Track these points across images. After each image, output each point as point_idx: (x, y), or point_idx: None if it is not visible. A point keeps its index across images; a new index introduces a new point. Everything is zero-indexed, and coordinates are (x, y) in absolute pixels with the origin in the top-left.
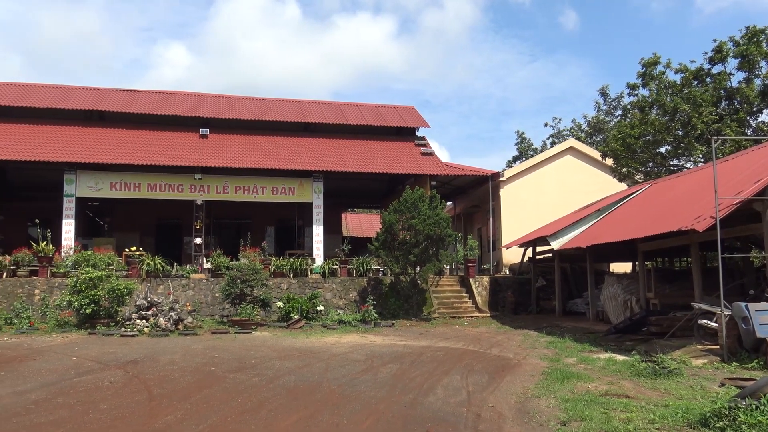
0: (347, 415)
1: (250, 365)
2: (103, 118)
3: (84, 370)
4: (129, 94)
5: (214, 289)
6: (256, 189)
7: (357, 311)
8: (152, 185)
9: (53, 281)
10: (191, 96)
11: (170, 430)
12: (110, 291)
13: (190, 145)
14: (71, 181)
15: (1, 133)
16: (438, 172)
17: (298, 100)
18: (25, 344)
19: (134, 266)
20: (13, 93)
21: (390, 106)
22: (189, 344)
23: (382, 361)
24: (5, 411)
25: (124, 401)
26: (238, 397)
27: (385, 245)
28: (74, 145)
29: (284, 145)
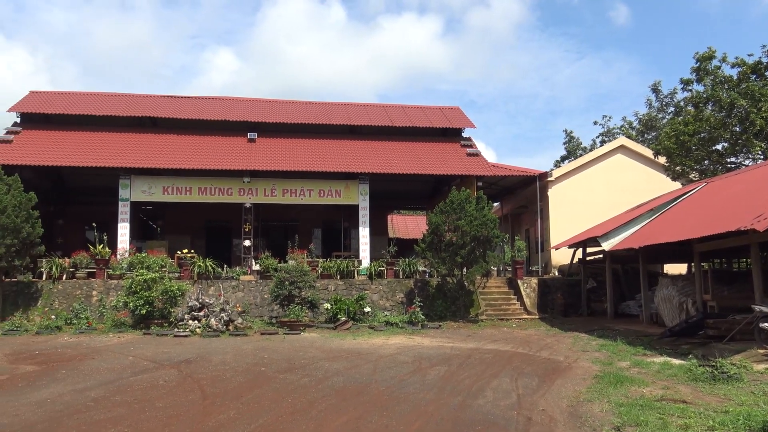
0: (396, 417)
1: (299, 366)
2: (155, 124)
3: (140, 369)
4: (180, 100)
5: (262, 291)
6: (303, 191)
7: (404, 313)
8: (202, 189)
9: (110, 283)
10: (239, 101)
11: (223, 428)
12: (163, 292)
13: (239, 149)
14: (126, 186)
15: (60, 140)
16: (484, 172)
17: (343, 103)
18: (84, 344)
19: (186, 268)
20: (71, 101)
21: (435, 107)
22: (239, 345)
23: (429, 363)
24: (67, 408)
25: (179, 400)
26: (289, 398)
27: (432, 247)
28: (129, 151)
29: (330, 148)
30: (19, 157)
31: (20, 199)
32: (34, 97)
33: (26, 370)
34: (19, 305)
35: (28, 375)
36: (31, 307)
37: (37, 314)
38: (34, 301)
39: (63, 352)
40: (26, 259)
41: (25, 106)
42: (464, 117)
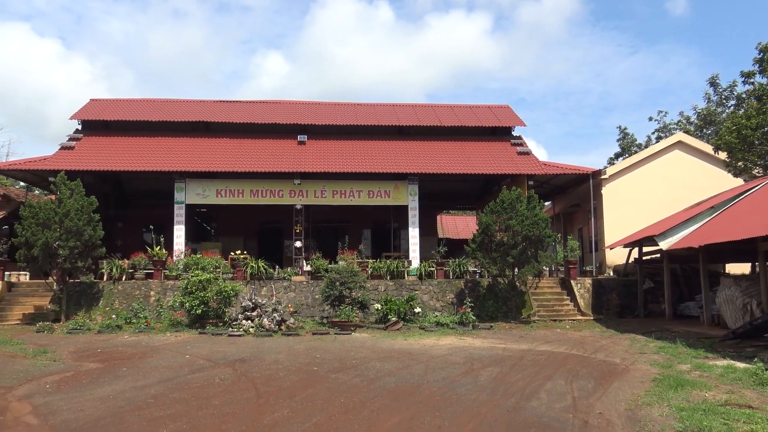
0: (449, 418)
1: (351, 366)
2: (208, 129)
3: (196, 367)
4: (232, 104)
5: (313, 291)
6: (353, 193)
7: (454, 313)
8: (254, 191)
9: (166, 283)
10: (289, 104)
11: (278, 426)
12: (218, 293)
13: (289, 151)
14: (181, 189)
15: (119, 146)
16: (535, 171)
17: (392, 104)
18: (143, 342)
19: (239, 269)
20: (128, 108)
21: (484, 106)
22: (292, 344)
23: (481, 364)
24: (128, 404)
25: (234, 398)
26: (341, 397)
27: (482, 247)
28: (183, 155)
29: (379, 149)
30: (80, 162)
31: (82, 203)
32: (94, 105)
33: (90, 367)
34: (82, 305)
35: (92, 372)
36: (93, 306)
37: (99, 314)
38: (95, 301)
39: (123, 350)
40: (88, 260)
41: (85, 113)
42: (514, 115)
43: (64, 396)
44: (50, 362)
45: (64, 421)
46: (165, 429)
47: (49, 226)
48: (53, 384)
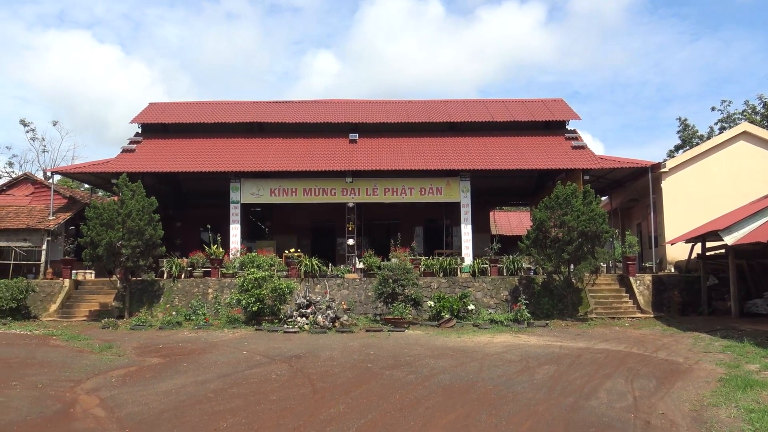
0: (505, 416)
1: (405, 363)
2: (262, 129)
3: (253, 363)
4: (284, 105)
5: (366, 289)
6: (405, 190)
7: (509, 311)
8: (307, 190)
9: (223, 281)
10: (340, 103)
11: (334, 422)
12: (273, 290)
13: (341, 150)
14: (236, 189)
15: (177, 148)
16: (591, 165)
17: (443, 101)
18: (202, 338)
19: (293, 267)
20: (185, 111)
21: (537, 100)
22: (346, 341)
23: (537, 362)
24: (190, 398)
25: (291, 393)
26: (396, 394)
27: (537, 243)
28: (238, 156)
29: (431, 146)
30: (141, 164)
31: (143, 203)
32: (153, 108)
33: (152, 362)
34: (144, 302)
35: (154, 367)
36: (154, 303)
37: (160, 310)
38: (156, 299)
39: (184, 346)
40: (149, 259)
41: (144, 117)
42: (568, 109)
43: (129, 390)
44: (115, 357)
45: (130, 414)
46: (225, 423)
47: (113, 227)
48: (118, 378)
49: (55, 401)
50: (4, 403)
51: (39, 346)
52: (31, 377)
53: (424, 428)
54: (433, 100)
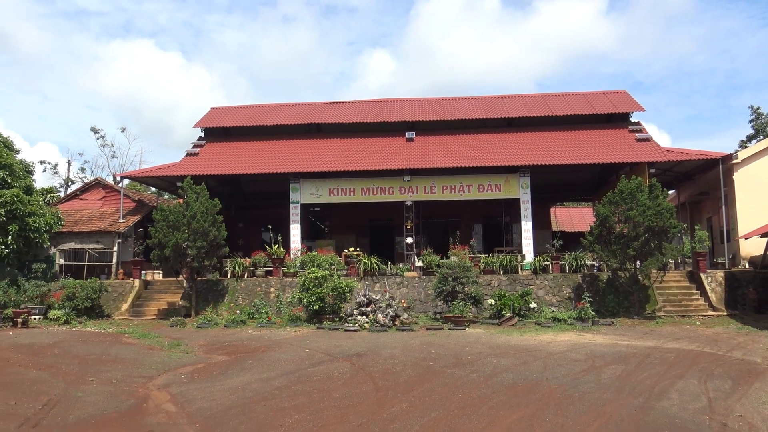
0: (572, 416)
1: (466, 361)
2: (320, 130)
3: (316, 361)
4: (341, 105)
5: (426, 287)
6: (463, 187)
7: (572, 309)
8: (365, 189)
9: (285, 280)
10: (396, 102)
11: (397, 420)
12: (333, 289)
13: (398, 148)
14: (296, 189)
15: (238, 151)
16: (656, 158)
17: (500, 96)
18: (266, 336)
19: (353, 266)
20: (245, 114)
21: (599, 93)
22: (406, 340)
23: (604, 361)
24: (256, 395)
25: (353, 391)
26: (458, 392)
27: (600, 239)
28: (297, 157)
29: (489, 142)
30: (204, 167)
31: (207, 205)
32: (214, 113)
33: (219, 359)
34: (209, 301)
35: (221, 364)
36: (219, 302)
37: (225, 309)
38: (221, 297)
39: (248, 344)
40: (213, 259)
41: (207, 121)
42: (631, 100)
43: (197, 386)
44: (183, 354)
45: (199, 409)
46: (290, 419)
47: (179, 228)
48: (187, 375)
49: (129, 396)
50: (83, 398)
51: (112, 344)
52: (106, 373)
53: (488, 427)
54: (490, 96)
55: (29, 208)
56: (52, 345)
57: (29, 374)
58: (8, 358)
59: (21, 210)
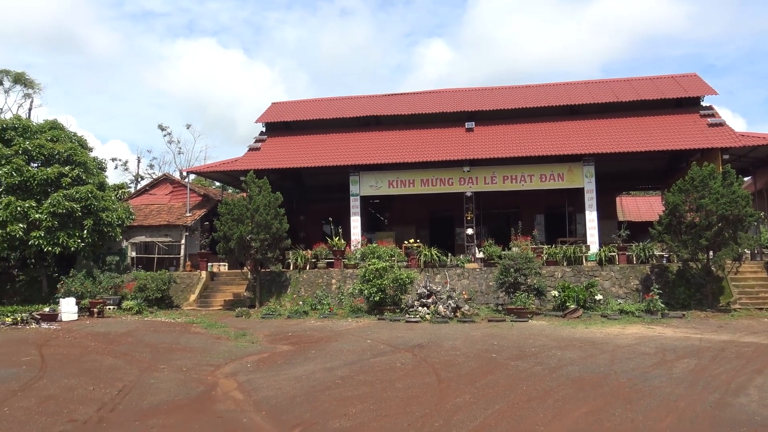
0: (642, 411)
1: (530, 354)
2: (379, 122)
3: (378, 352)
4: (399, 97)
5: (487, 278)
6: (524, 177)
7: (639, 301)
8: (425, 180)
9: (346, 272)
10: (455, 92)
11: (460, 411)
12: (394, 280)
13: (458, 139)
14: (356, 182)
15: (298, 145)
16: (731, 144)
17: (563, 83)
18: (328, 327)
19: (413, 257)
20: (305, 109)
21: (667, 77)
22: (468, 331)
23: (675, 355)
24: (320, 384)
25: (416, 382)
26: (522, 385)
27: (670, 229)
28: (357, 149)
29: (551, 131)
30: (266, 161)
31: (269, 199)
32: (275, 108)
33: (283, 349)
34: (273, 292)
35: (285, 354)
36: (282, 294)
37: (287, 300)
38: (284, 289)
39: (311, 334)
40: (276, 251)
41: (268, 116)
42: (703, 83)
43: (263, 375)
44: (249, 344)
45: (265, 397)
46: (354, 409)
47: (243, 221)
48: (253, 363)
49: (199, 384)
50: (155, 385)
51: (182, 333)
52: (177, 361)
53: (554, 420)
54: (552, 83)
55: (103, 203)
56: (126, 334)
57: (106, 361)
58: (86, 345)
59: (95, 205)
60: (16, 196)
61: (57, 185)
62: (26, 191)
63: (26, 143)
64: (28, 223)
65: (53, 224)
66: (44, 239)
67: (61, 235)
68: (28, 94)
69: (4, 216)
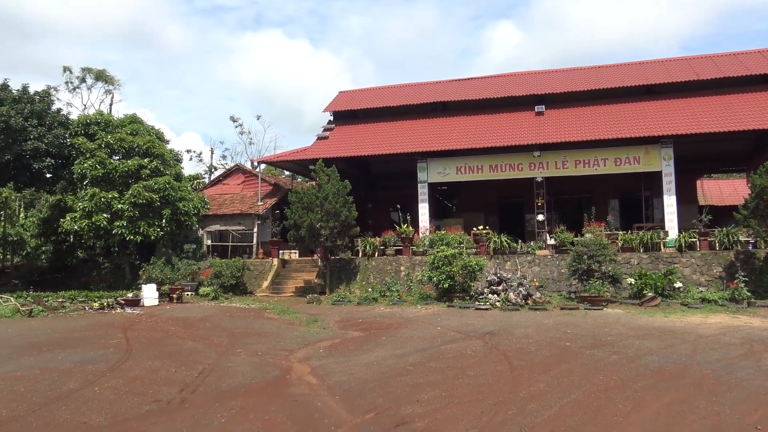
0: (728, 404)
1: (606, 342)
2: (446, 108)
3: (448, 339)
4: (466, 82)
5: (559, 265)
6: (597, 161)
7: (723, 289)
8: (493, 166)
9: (414, 259)
10: (524, 75)
11: (535, 400)
12: (463, 267)
13: (527, 123)
14: (423, 169)
15: (365, 133)
16: None
17: (638, 62)
18: (397, 314)
19: (482, 244)
20: (372, 96)
21: (752, 52)
22: (540, 319)
23: (764, 346)
24: (391, 370)
25: (487, 370)
26: (599, 374)
27: (757, 213)
28: (424, 136)
29: (625, 112)
30: (334, 150)
31: (338, 187)
32: (343, 96)
33: (354, 335)
34: (342, 279)
35: (356, 340)
36: (351, 280)
37: (357, 287)
38: (353, 276)
39: (381, 321)
40: (345, 239)
41: (335, 105)
42: None
43: (335, 360)
44: (320, 330)
45: (338, 382)
46: (426, 395)
47: (312, 209)
48: (325, 349)
49: (274, 368)
50: (232, 368)
51: (256, 319)
52: (252, 346)
53: (634, 411)
54: (626, 63)
55: (179, 193)
56: (203, 319)
57: (186, 345)
58: (167, 330)
59: (173, 195)
60: (100, 187)
61: (137, 177)
62: (109, 183)
63: (108, 137)
64: (112, 213)
65: (134, 214)
66: (126, 228)
67: (141, 224)
68: (108, 91)
69: (89, 206)
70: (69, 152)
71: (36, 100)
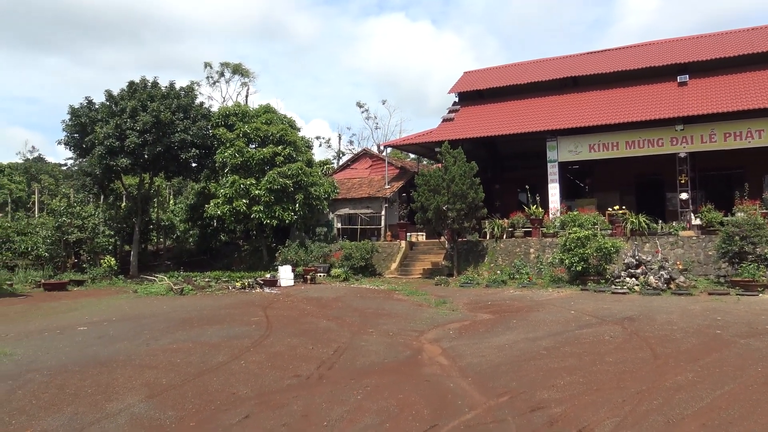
0: None
1: (763, 331)
2: (576, 84)
3: (583, 323)
4: (598, 54)
5: (705, 247)
6: (750, 133)
7: None
8: (630, 143)
9: (544, 241)
10: (663, 43)
11: (683, 390)
12: (597, 249)
13: (668, 95)
14: (553, 148)
15: (492, 113)
16: None
17: None
18: (527, 297)
19: (618, 225)
20: (497, 75)
21: None
22: (684, 304)
23: None
24: (523, 354)
25: (628, 357)
26: (756, 366)
27: None
28: (553, 114)
29: None
30: (460, 131)
31: (464, 169)
32: (467, 77)
33: (483, 317)
34: (470, 261)
35: (486, 322)
36: (479, 263)
37: (485, 269)
38: (481, 258)
39: (510, 303)
40: (473, 221)
41: (460, 86)
42: None
43: (465, 342)
44: (449, 311)
45: (469, 364)
46: (562, 381)
47: (439, 192)
48: (455, 330)
49: (405, 348)
50: (365, 347)
51: (385, 300)
52: (382, 326)
53: None
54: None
55: (311, 179)
56: (336, 299)
57: (320, 324)
58: (303, 309)
59: (305, 181)
60: (239, 174)
61: (272, 163)
62: (247, 170)
63: (245, 127)
64: (250, 198)
65: (270, 199)
66: (263, 213)
67: (276, 208)
68: (244, 83)
69: (230, 193)
70: (211, 142)
71: (181, 95)
